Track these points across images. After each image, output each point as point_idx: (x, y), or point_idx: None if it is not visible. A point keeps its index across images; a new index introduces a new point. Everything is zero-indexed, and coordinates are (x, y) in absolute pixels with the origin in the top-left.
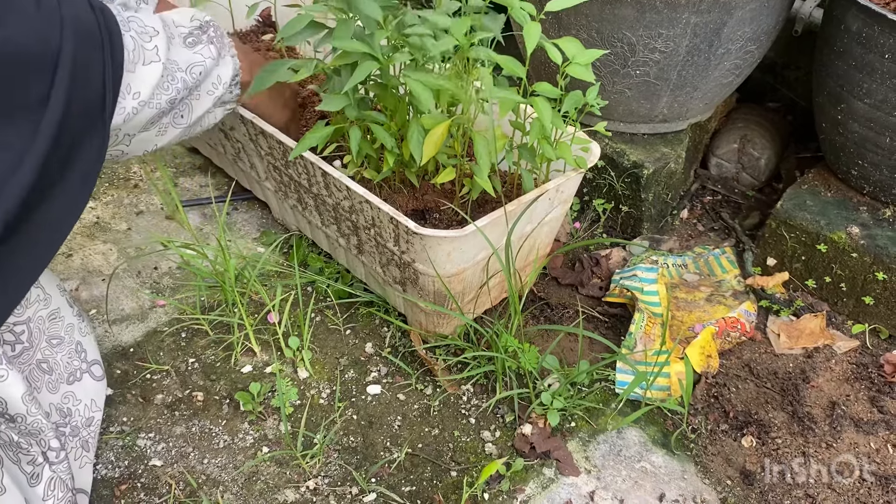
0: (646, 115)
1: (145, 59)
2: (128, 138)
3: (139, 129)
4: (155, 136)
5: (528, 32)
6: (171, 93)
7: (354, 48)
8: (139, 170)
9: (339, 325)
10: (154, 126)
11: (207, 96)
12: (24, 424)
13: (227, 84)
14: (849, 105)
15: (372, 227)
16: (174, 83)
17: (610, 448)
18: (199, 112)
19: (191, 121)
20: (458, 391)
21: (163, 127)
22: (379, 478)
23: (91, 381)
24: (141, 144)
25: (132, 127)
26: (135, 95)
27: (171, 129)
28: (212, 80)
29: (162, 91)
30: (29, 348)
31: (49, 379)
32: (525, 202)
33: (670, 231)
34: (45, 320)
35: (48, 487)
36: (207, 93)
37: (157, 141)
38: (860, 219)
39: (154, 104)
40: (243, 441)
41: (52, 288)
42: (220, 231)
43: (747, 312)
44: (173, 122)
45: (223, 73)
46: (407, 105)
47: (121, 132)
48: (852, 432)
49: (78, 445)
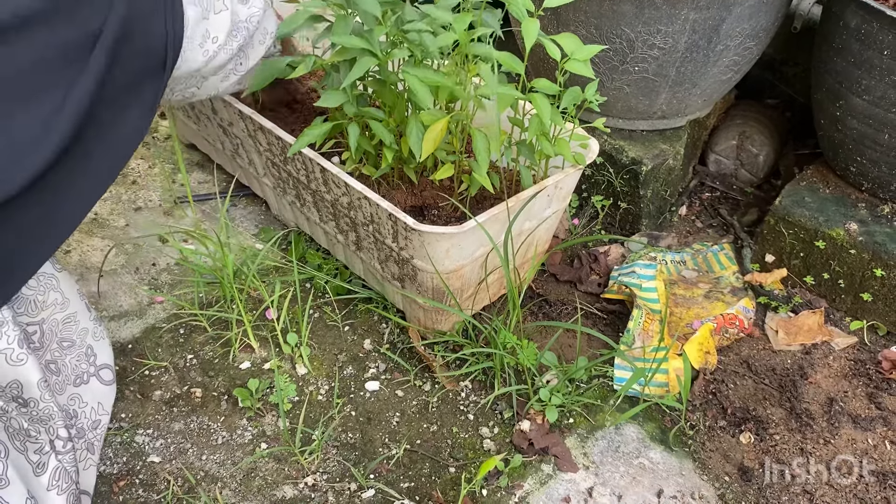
0: (644, 111)
1: (216, 7)
2: (202, 80)
3: (213, 72)
4: (219, 81)
5: (526, 29)
6: (240, 39)
7: (353, 44)
8: (137, 166)
9: (337, 322)
10: (221, 71)
11: (260, 45)
12: (35, 409)
13: (272, 35)
14: (847, 101)
15: (370, 223)
16: (240, 31)
17: (608, 444)
18: (254, 61)
19: (247, 68)
20: (457, 387)
21: (226, 73)
22: (377, 474)
23: (98, 385)
24: (207, 89)
25: (210, 70)
26: (214, 40)
27: (231, 76)
28: (261, 30)
29: (232, 38)
30: (39, 349)
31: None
32: (524, 199)
33: (669, 228)
34: (60, 323)
35: (53, 477)
36: (259, 42)
37: (219, 86)
38: (858, 215)
39: (228, 48)
40: (242, 437)
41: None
42: (220, 227)
43: (745, 309)
44: (235, 68)
45: (269, 25)
46: (406, 101)
47: (199, 73)
48: (850, 428)
49: (83, 447)
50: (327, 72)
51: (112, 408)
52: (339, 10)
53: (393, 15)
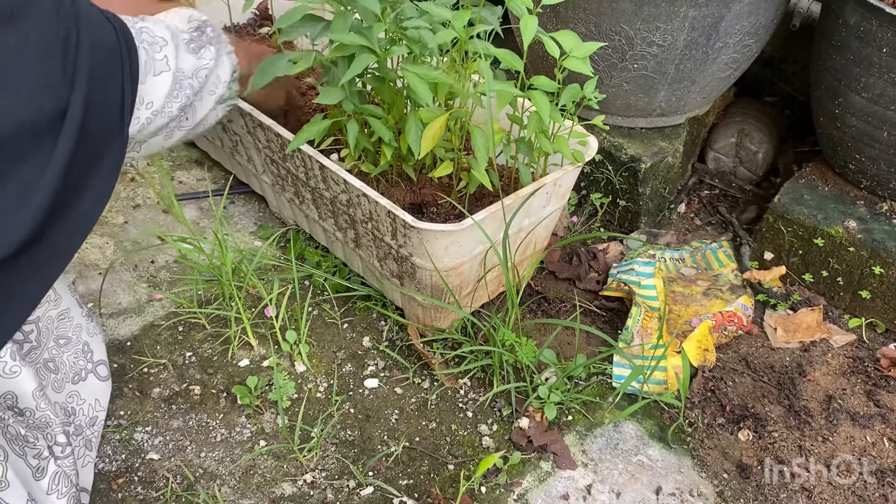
0: (643, 108)
1: (156, 69)
2: (139, 145)
3: (150, 136)
4: (163, 140)
5: (524, 25)
6: (182, 100)
7: (352, 41)
8: (136, 163)
9: (336, 319)
10: (162, 131)
11: (209, 96)
12: (32, 419)
13: (226, 82)
14: (846, 99)
15: (369, 220)
16: (183, 90)
17: (607, 441)
18: (203, 113)
19: (195, 122)
20: (456, 385)
21: (170, 131)
22: (376, 471)
23: (96, 381)
24: (149, 149)
25: (145, 135)
26: (148, 105)
27: (176, 132)
28: (212, 80)
29: (173, 99)
30: (37, 347)
31: (55, 378)
32: (522, 196)
33: (668, 225)
34: (55, 320)
35: (52, 481)
36: (209, 93)
37: (163, 144)
38: (857, 213)
39: (166, 112)
40: (240, 435)
41: (63, 289)
42: (217, 225)
43: (744, 306)
44: (179, 125)
45: (222, 72)
46: (405, 98)
47: (133, 141)
48: (848, 426)
49: (81, 444)
50: (326, 68)
51: (109, 404)
52: (339, 6)
53: (392, 12)
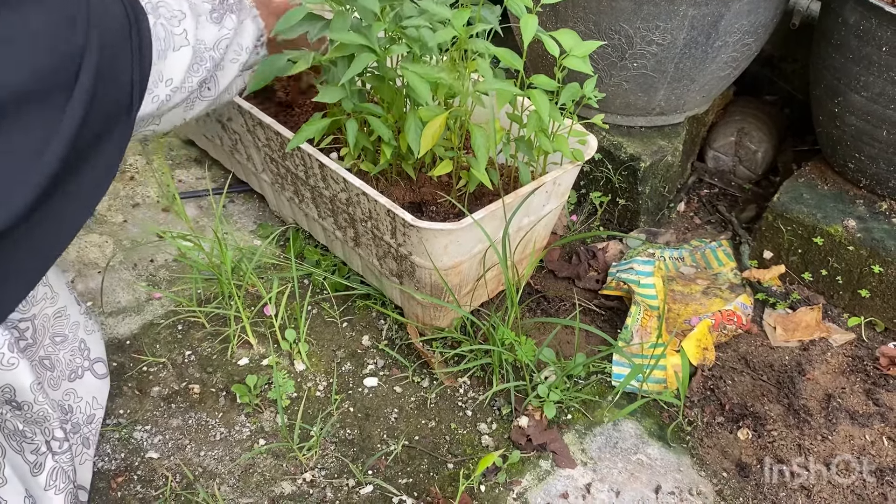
0: (643, 107)
1: (175, 44)
2: (158, 119)
3: (170, 110)
4: (183, 111)
5: (524, 24)
6: (202, 73)
7: (351, 40)
8: (136, 162)
9: (335, 318)
10: (182, 104)
11: (232, 65)
12: (30, 412)
13: (249, 48)
14: (846, 98)
15: (369, 219)
16: (203, 63)
17: (606, 440)
18: (225, 82)
19: (217, 92)
20: (455, 384)
21: (190, 103)
22: (375, 470)
23: (93, 379)
24: (170, 121)
25: (165, 110)
26: (167, 82)
27: (198, 103)
28: (233, 48)
29: (192, 74)
30: (32, 345)
31: (51, 376)
32: (522, 195)
33: (667, 224)
34: (51, 318)
35: (50, 477)
36: (231, 61)
37: (185, 115)
38: (857, 212)
39: (186, 88)
40: (240, 433)
41: (61, 286)
42: (217, 223)
43: (743, 305)
44: (200, 95)
45: (244, 39)
46: (404, 97)
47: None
48: (848, 425)
49: (79, 442)
50: (326, 67)
51: (107, 402)
52: (338, 6)
53: (392, 11)
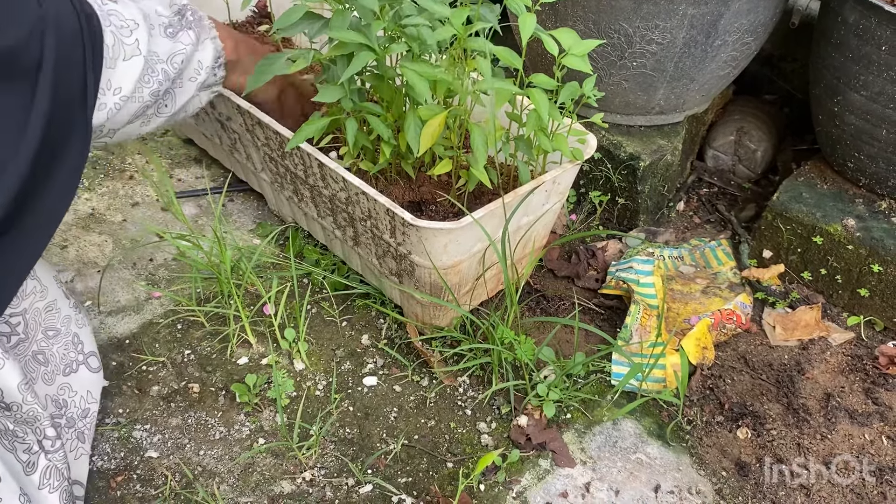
0: (643, 106)
1: (126, 53)
2: (112, 132)
3: (123, 123)
4: (139, 127)
5: (523, 23)
6: (154, 85)
7: (351, 39)
8: (135, 161)
9: (335, 317)
10: (138, 119)
11: (190, 83)
12: (19, 413)
13: (209, 68)
14: (845, 97)
15: (368, 218)
16: (155, 75)
17: (606, 439)
18: (183, 100)
19: (175, 109)
20: (455, 383)
21: (147, 118)
22: (375, 469)
23: (87, 373)
24: (125, 136)
25: (116, 122)
26: (116, 91)
27: (154, 119)
28: (193, 65)
29: (144, 84)
30: (25, 339)
31: (45, 370)
32: (521, 194)
33: (667, 223)
34: (42, 312)
35: (44, 476)
36: (190, 79)
37: (140, 130)
38: (856, 211)
39: (137, 98)
40: (239, 433)
41: (49, 280)
42: (216, 222)
43: (743, 304)
44: (157, 111)
45: (203, 57)
46: (403, 96)
47: (105, 128)
48: (847, 424)
49: (73, 437)
50: (325, 66)
51: (107, 401)
52: (337, 4)
53: (391, 10)
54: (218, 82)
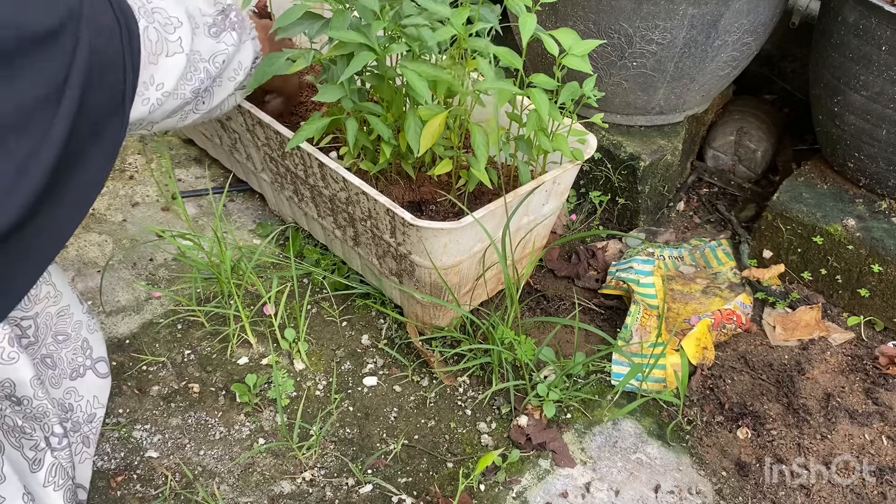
0: (643, 106)
1: (169, 50)
2: (151, 125)
3: (164, 117)
4: (176, 121)
5: (523, 23)
6: (195, 83)
7: (351, 39)
8: (135, 161)
9: (335, 317)
10: (177, 114)
11: (229, 82)
12: (29, 407)
13: (247, 69)
14: (845, 97)
15: (368, 218)
16: (197, 73)
17: (606, 439)
18: (220, 98)
19: (211, 106)
20: (455, 383)
21: (184, 114)
22: (375, 469)
23: (94, 378)
24: (162, 127)
25: (157, 116)
26: (158, 86)
27: (191, 115)
28: (233, 66)
29: (186, 82)
30: (34, 343)
31: (52, 374)
32: (522, 194)
33: (667, 223)
34: (54, 316)
35: (49, 473)
36: (229, 79)
37: (177, 125)
38: (856, 211)
39: (178, 94)
40: (239, 433)
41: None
42: (217, 222)
43: (743, 304)
44: (195, 108)
45: (244, 58)
46: (404, 96)
47: (145, 121)
48: (847, 424)
49: (79, 441)
50: (325, 66)
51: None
52: (338, 4)
53: (391, 10)
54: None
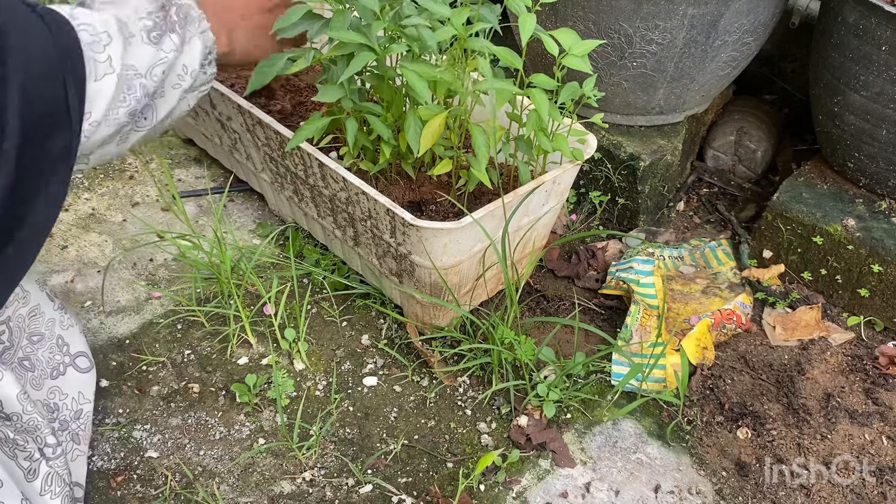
0: (643, 107)
1: (98, 73)
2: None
3: (97, 146)
4: (115, 147)
5: (523, 23)
6: (130, 103)
7: (351, 39)
8: (135, 161)
9: (335, 317)
10: (113, 139)
11: (173, 90)
12: (19, 423)
13: (195, 71)
14: (845, 97)
15: (368, 218)
16: (132, 93)
17: (606, 439)
18: (166, 110)
19: (155, 121)
20: (455, 383)
21: (123, 136)
22: (375, 469)
23: (76, 374)
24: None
25: (88, 148)
26: (85, 117)
27: (132, 135)
28: (176, 72)
29: (119, 104)
30: (10, 348)
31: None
32: (522, 194)
33: (667, 223)
34: (25, 318)
35: (45, 482)
36: (173, 87)
37: (119, 149)
38: (856, 211)
39: (112, 120)
40: (239, 433)
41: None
42: (217, 222)
43: (743, 304)
44: (135, 126)
45: (189, 60)
46: (403, 96)
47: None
48: (847, 424)
49: (68, 439)
50: (325, 66)
51: (108, 402)
52: (338, 4)
53: (391, 10)
54: (208, 80)
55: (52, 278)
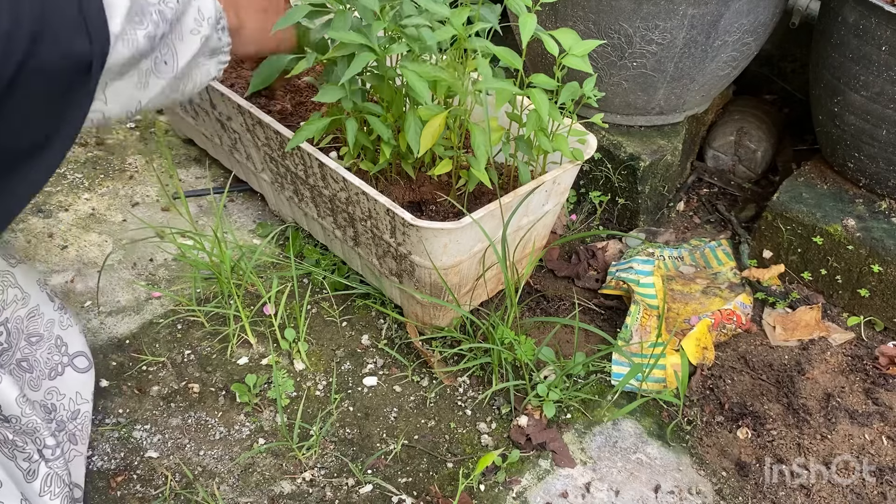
0: (643, 107)
1: None
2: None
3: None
4: (135, 88)
5: (523, 23)
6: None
7: (351, 39)
8: (135, 161)
9: (335, 317)
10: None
11: (192, 35)
12: (18, 425)
13: (211, 21)
14: (845, 97)
15: (368, 218)
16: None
17: (606, 439)
18: (186, 57)
19: (177, 69)
20: (455, 383)
21: (142, 74)
22: (375, 469)
23: (74, 374)
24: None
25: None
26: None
27: (152, 79)
28: (192, 14)
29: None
30: (8, 349)
31: (30, 377)
32: (521, 194)
33: (667, 223)
34: (24, 319)
35: (44, 483)
36: (191, 31)
37: (139, 96)
38: (856, 211)
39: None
40: (239, 433)
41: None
42: (217, 222)
43: (743, 304)
44: (155, 68)
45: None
46: (404, 96)
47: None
48: (847, 424)
49: (65, 439)
50: (325, 67)
51: (107, 402)
52: (338, 5)
53: (391, 10)
54: (224, 49)
55: (52, 278)
